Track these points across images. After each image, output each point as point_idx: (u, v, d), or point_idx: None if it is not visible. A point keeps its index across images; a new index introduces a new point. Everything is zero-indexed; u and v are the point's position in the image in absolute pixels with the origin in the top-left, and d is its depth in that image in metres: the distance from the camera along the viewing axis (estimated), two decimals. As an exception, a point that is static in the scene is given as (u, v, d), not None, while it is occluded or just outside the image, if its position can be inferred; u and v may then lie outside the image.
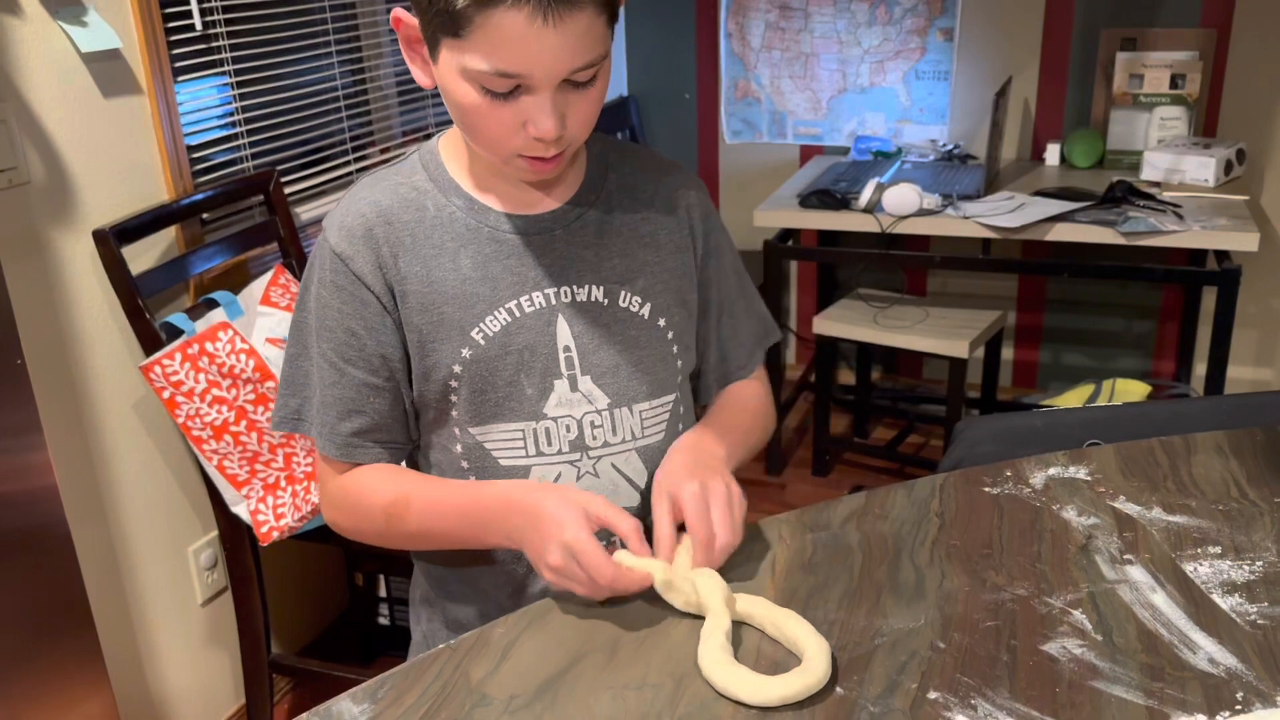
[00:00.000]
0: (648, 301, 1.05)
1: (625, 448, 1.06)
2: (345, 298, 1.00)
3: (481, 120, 0.91)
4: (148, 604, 1.92)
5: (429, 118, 2.68)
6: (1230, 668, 0.84)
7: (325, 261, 1.01)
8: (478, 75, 0.88)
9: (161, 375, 1.72)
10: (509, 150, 0.94)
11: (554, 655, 0.88)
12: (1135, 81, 2.93)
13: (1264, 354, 3.12)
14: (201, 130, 2.00)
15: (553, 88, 0.89)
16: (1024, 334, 3.37)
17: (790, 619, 0.88)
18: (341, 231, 1.00)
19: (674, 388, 1.09)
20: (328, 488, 1.07)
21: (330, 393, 1.02)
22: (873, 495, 1.11)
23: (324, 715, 0.83)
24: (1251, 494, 1.09)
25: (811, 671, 0.82)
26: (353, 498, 1.05)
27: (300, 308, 1.04)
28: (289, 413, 1.06)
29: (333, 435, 1.02)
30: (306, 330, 1.04)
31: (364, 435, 1.03)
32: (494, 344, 1.00)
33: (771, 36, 3.33)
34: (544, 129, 0.90)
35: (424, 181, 1.03)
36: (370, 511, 1.04)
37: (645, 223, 1.07)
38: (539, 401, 1.02)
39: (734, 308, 1.15)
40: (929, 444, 3.21)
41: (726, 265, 1.14)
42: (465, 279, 1.00)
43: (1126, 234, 2.42)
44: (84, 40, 1.68)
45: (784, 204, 2.83)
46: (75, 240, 1.71)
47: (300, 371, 1.05)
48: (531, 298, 1.01)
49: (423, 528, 1.02)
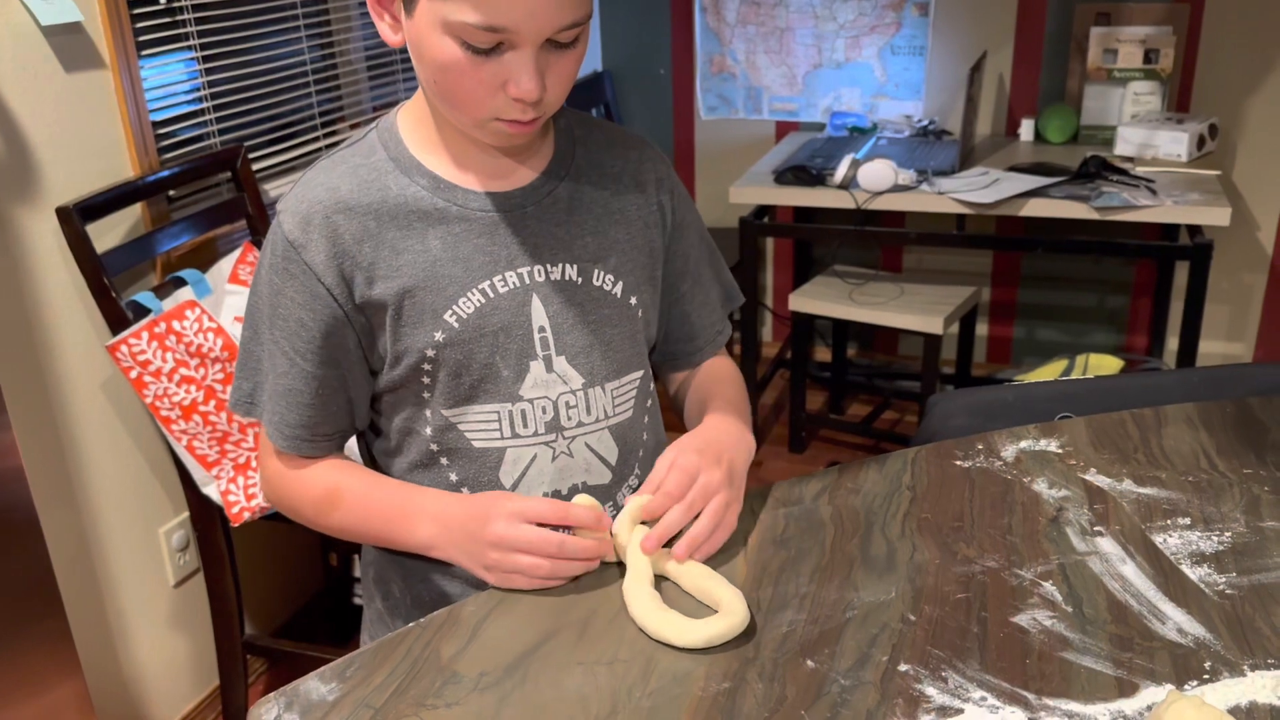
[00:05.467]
0: (620, 280, 1.04)
1: (598, 426, 1.05)
2: (297, 287, 0.97)
3: (460, 79, 0.88)
4: (119, 586, 1.91)
5: (400, 92, 2.65)
6: (1198, 637, 0.84)
7: (278, 248, 0.98)
8: (461, 29, 0.85)
9: (128, 355, 1.69)
10: (486, 112, 0.91)
11: (525, 632, 0.88)
12: (1109, 56, 2.93)
13: (1235, 328, 3.15)
14: (167, 106, 1.96)
15: (537, 46, 0.87)
16: (998, 310, 3.38)
17: (706, 575, 0.92)
18: (296, 218, 0.97)
19: (641, 364, 1.09)
20: (266, 467, 1.07)
21: (280, 382, 1.00)
22: (845, 470, 1.11)
23: (292, 695, 0.82)
24: (1221, 465, 1.10)
25: (732, 614, 0.86)
26: (287, 482, 1.05)
27: (254, 292, 1.02)
28: (243, 395, 1.05)
29: (281, 426, 1.01)
30: (259, 315, 1.01)
31: (310, 429, 1.02)
32: (469, 326, 0.99)
33: (746, 11, 3.31)
34: (525, 89, 0.88)
35: (384, 161, 0.99)
36: (300, 500, 1.05)
37: (615, 199, 1.05)
38: (515, 383, 1.01)
39: (703, 278, 1.15)
40: (904, 420, 3.23)
41: (693, 237, 1.13)
42: (435, 260, 0.98)
43: (1100, 209, 2.43)
44: (44, 13, 1.65)
45: (759, 180, 2.81)
46: (38, 218, 1.68)
47: (253, 356, 1.03)
48: (505, 278, 0.99)
49: (346, 525, 1.03)
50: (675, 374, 1.20)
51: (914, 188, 2.62)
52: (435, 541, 0.97)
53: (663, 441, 1.15)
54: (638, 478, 1.09)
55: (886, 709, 0.77)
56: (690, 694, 0.80)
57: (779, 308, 3.58)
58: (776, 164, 2.88)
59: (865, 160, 2.66)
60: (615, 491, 1.08)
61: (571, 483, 1.04)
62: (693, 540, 0.94)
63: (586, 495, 0.99)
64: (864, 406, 3.32)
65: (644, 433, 1.10)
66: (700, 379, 1.17)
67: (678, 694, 0.80)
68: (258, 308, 1.01)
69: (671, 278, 1.12)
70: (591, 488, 1.05)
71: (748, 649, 0.85)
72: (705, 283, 1.15)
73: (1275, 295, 3.07)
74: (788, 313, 2.96)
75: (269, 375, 1.01)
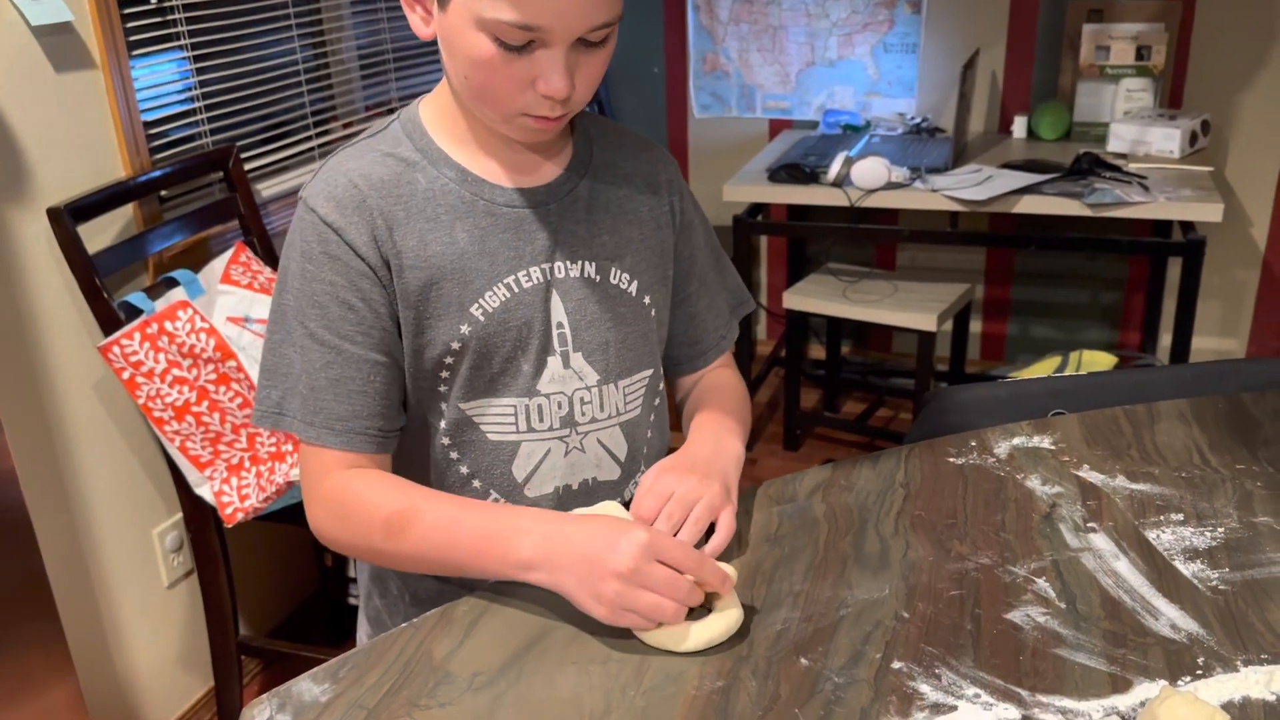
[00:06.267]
0: (635, 279, 1.05)
1: (610, 423, 1.05)
2: (339, 269, 0.94)
3: (492, 74, 0.89)
4: (112, 588, 1.90)
5: (391, 91, 2.64)
6: (1192, 633, 0.84)
7: (313, 234, 0.95)
8: (495, 25, 0.85)
9: (121, 356, 1.69)
10: (514, 108, 0.91)
11: (519, 631, 0.88)
12: (1102, 53, 2.93)
13: (1228, 324, 3.15)
14: (159, 105, 1.95)
15: (568, 44, 0.87)
16: (992, 307, 3.38)
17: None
18: (331, 202, 0.95)
19: (652, 362, 1.09)
20: (321, 489, 0.96)
21: (324, 374, 0.94)
22: (839, 467, 1.11)
23: (284, 696, 0.82)
24: (1213, 461, 1.10)
25: (727, 615, 0.85)
26: (349, 505, 0.95)
27: (280, 289, 0.97)
28: (270, 406, 0.97)
29: (330, 422, 0.94)
30: (288, 312, 0.96)
31: (365, 420, 0.95)
32: (494, 320, 0.98)
33: (739, 9, 3.31)
34: (555, 86, 0.88)
35: (410, 152, 0.99)
36: (369, 523, 0.94)
37: (629, 199, 1.06)
38: (533, 378, 1.01)
39: (708, 280, 1.15)
40: (899, 417, 3.23)
41: (700, 240, 1.14)
42: (462, 253, 0.97)
43: (1093, 205, 2.43)
44: (34, 13, 1.64)
45: (753, 178, 2.81)
46: (29, 219, 1.68)
47: (283, 359, 0.96)
48: (529, 273, 0.99)
49: (424, 548, 0.93)
50: (680, 379, 1.19)
51: (907, 185, 2.62)
52: (540, 562, 0.87)
53: (667, 440, 1.16)
54: (642, 473, 1.09)
55: (880, 707, 0.77)
56: (684, 693, 0.80)
57: (773, 305, 3.58)
58: (770, 162, 2.88)
59: (859, 158, 2.66)
60: (623, 487, 1.08)
61: (582, 478, 1.05)
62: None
63: (725, 564, 0.90)
64: (858, 404, 3.33)
65: (649, 430, 1.11)
66: (698, 392, 1.16)
67: (671, 693, 0.80)
68: (287, 305, 0.96)
69: (678, 278, 1.12)
70: (601, 483, 1.06)
71: (741, 647, 0.85)
72: (711, 286, 1.15)
73: (1267, 291, 3.08)
74: (782, 310, 2.96)
75: (303, 375, 0.95)
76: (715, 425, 1.07)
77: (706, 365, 1.17)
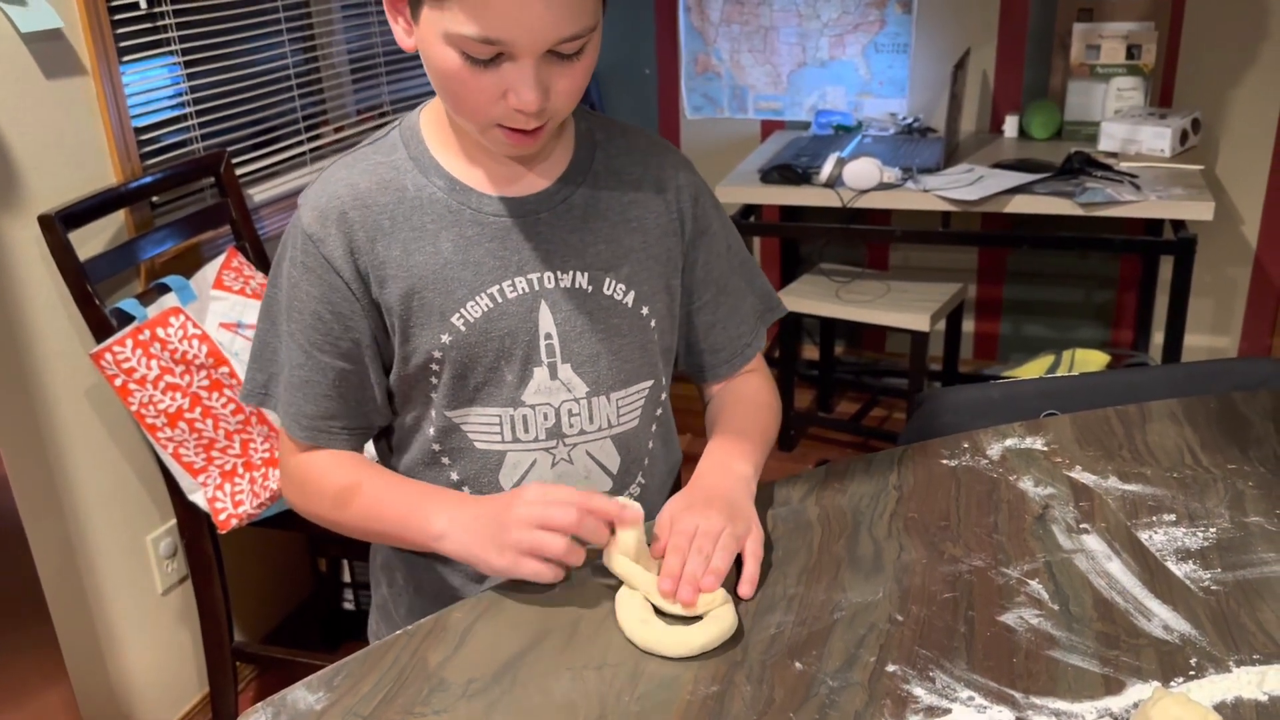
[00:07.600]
0: (631, 289, 1.03)
1: (600, 435, 1.04)
2: (314, 280, 0.98)
3: (461, 87, 0.89)
4: (106, 595, 1.90)
5: (383, 95, 2.64)
6: (1184, 634, 0.85)
7: (297, 241, 0.99)
8: (460, 40, 0.85)
9: (113, 362, 1.68)
10: (488, 119, 0.91)
11: (513, 638, 0.88)
12: (1092, 52, 2.94)
13: (1220, 322, 3.16)
14: (150, 111, 1.95)
15: (536, 57, 0.86)
16: (984, 306, 3.39)
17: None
18: (315, 212, 0.98)
19: (651, 374, 1.07)
20: (287, 464, 1.07)
21: (297, 374, 1.01)
22: (832, 470, 1.11)
23: (279, 704, 0.82)
24: (1205, 461, 1.10)
25: (721, 620, 0.86)
26: (307, 478, 1.05)
27: (272, 283, 1.03)
28: (256, 387, 1.05)
29: (298, 417, 1.02)
30: (277, 307, 1.02)
31: (329, 420, 1.02)
32: (475, 330, 0.98)
33: (730, 10, 3.31)
34: (525, 100, 0.87)
35: (403, 160, 1.00)
36: (320, 495, 1.04)
37: (632, 206, 1.04)
38: (518, 388, 1.01)
39: (729, 285, 1.12)
40: (892, 417, 3.23)
41: (719, 244, 1.10)
42: (446, 263, 0.97)
43: (1084, 205, 2.43)
44: (23, 20, 1.64)
45: (745, 180, 2.81)
46: (20, 226, 1.67)
47: (269, 348, 1.04)
48: (514, 283, 0.99)
49: (361, 519, 1.03)
50: (707, 387, 1.16)
51: (899, 185, 2.62)
52: (449, 530, 0.95)
53: (672, 448, 1.15)
54: (640, 485, 1.09)
55: (874, 710, 0.77)
56: (678, 698, 0.80)
57: (766, 306, 3.58)
58: (762, 163, 2.88)
59: (850, 158, 2.66)
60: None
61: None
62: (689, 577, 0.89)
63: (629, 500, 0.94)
64: (852, 404, 3.33)
65: (650, 441, 1.10)
66: (716, 405, 1.14)
67: (666, 698, 0.80)
68: (275, 300, 1.02)
69: (692, 286, 1.10)
70: None
71: (735, 652, 0.85)
72: (732, 292, 1.12)
73: (1259, 289, 3.09)
74: (775, 311, 2.96)
75: (285, 367, 1.02)
76: (725, 450, 1.05)
77: (732, 372, 1.15)
